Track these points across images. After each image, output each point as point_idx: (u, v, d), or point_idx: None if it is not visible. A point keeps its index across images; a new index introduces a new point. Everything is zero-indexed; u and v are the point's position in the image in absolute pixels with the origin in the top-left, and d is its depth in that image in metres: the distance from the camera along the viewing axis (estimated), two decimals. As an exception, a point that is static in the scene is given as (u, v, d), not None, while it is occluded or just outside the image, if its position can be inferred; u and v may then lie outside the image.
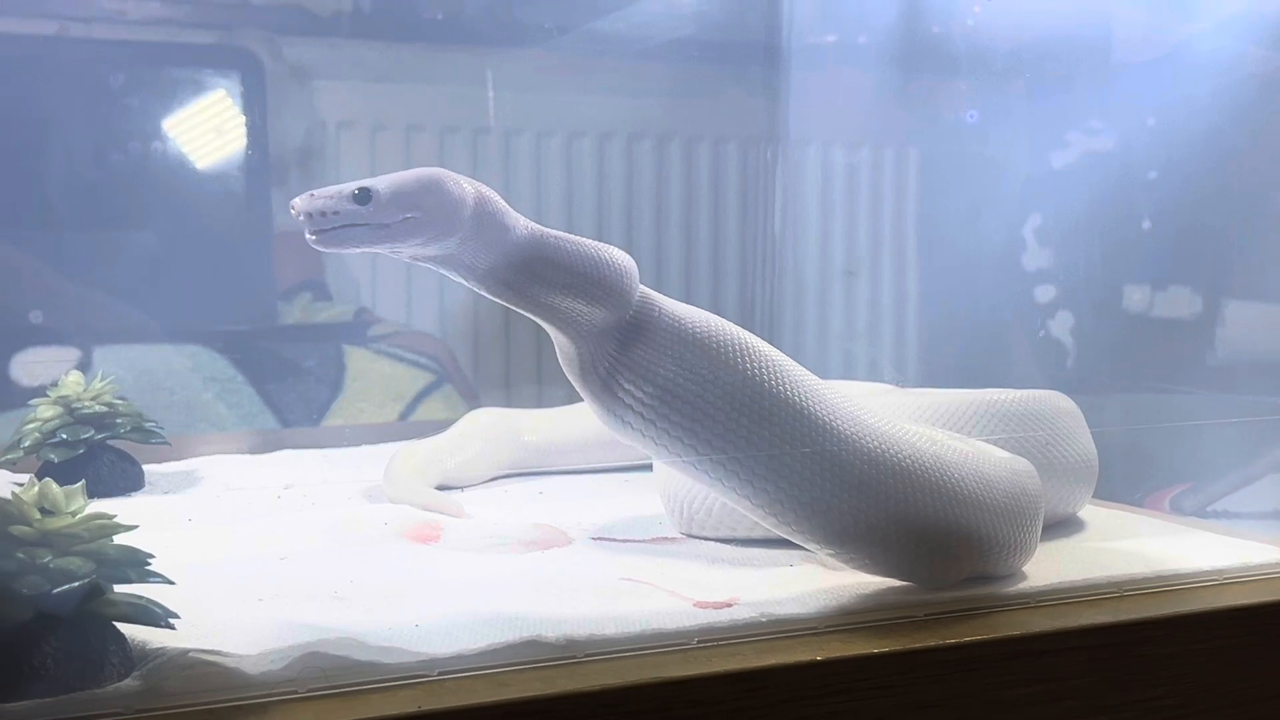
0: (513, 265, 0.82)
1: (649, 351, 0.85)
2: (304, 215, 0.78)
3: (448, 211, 0.80)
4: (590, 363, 0.85)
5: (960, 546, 0.89)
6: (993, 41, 1.64)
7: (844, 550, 0.88)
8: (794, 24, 1.82)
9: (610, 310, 0.85)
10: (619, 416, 0.86)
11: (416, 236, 0.80)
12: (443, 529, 1.09)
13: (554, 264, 0.83)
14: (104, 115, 1.66)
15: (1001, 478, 0.92)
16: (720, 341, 0.86)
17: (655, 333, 0.86)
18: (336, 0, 1.73)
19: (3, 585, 0.68)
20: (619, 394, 0.85)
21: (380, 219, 0.78)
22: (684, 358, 0.85)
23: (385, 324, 1.78)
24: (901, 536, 0.87)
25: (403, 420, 1.71)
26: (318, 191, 0.79)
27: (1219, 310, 1.50)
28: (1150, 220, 1.54)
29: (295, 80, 1.73)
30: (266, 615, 0.82)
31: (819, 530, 0.87)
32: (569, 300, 0.84)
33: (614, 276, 0.85)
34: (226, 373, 1.64)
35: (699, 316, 0.88)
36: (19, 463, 1.21)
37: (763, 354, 0.87)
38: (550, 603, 0.86)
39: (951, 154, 1.81)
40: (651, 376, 0.84)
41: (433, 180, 0.80)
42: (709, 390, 0.84)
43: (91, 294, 1.63)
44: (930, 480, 0.87)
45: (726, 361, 0.85)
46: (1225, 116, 1.40)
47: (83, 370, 1.32)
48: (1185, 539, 1.10)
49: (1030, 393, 1.13)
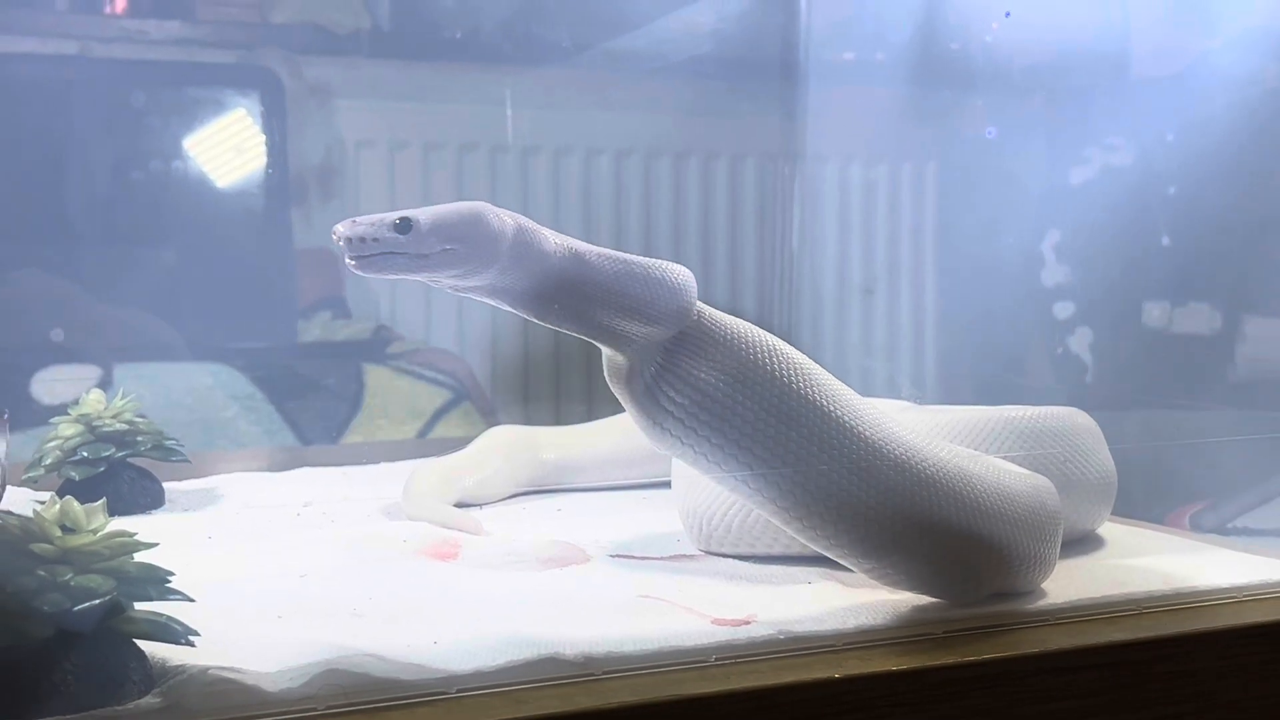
0: (555, 289, 0.83)
1: (694, 361, 0.85)
2: (345, 240, 0.79)
3: (486, 245, 0.80)
4: (637, 371, 0.86)
5: (988, 560, 0.89)
6: (1010, 57, 1.64)
7: (876, 562, 0.88)
8: (811, 41, 1.83)
9: (666, 327, 0.86)
10: (660, 424, 0.86)
11: (454, 268, 0.80)
12: (461, 546, 1.09)
13: (600, 285, 0.84)
14: (126, 134, 1.67)
15: (1023, 492, 0.92)
16: (763, 351, 0.87)
17: (701, 342, 0.86)
18: (356, 20, 1.74)
19: (24, 603, 0.69)
20: (662, 401, 0.85)
21: (419, 249, 0.79)
22: (727, 366, 0.85)
23: (404, 342, 1.78)
24: (932, 548, 0.87)
25: (421, 437, 1.71)
26: (360, 219, 0.80)
27: (1239, 326, 1.50)
28: (1169, 236, 1.54)
29: (315, 99, 1.74)
30: (286, 633, 0.82)
31: (852, 541, 0.87)
32: (622, 321, 0.84)
33: (667, 296, 0.86)
34: (246, 390, 1.64)
35: (742, 326, 0.88)
36: (40, 481, 1.21)
37: (804, 366, 0.87)
38: (568, 620, 0.87)
39: (970, 170, 1.81)
40: (695, 384, 0.85)
41: (473, 214, 0.81)
42: (751, 399, 0.85)
43: (112, 312, 1.63)
44: (960, 493, 0.88)
45: (769, 371, 0.86)
46: (1243, 131, 1.40)
47: (103, 388, 1.33)
48: (1205, 556, 1.09)
49: (1048, 409, 1.13)
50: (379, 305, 1.79)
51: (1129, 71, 1.59)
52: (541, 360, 1.82)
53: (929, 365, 1.80)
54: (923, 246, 1.88)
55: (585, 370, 1.85)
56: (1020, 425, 1.10)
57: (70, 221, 1.61)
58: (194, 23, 1.70)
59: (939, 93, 1.77)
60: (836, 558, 0.89)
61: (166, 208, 1.69)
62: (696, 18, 1.84)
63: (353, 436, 1.69)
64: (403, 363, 1.75)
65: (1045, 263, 1.65)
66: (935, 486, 0.87)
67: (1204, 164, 1.44)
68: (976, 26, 1.67)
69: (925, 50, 1.72)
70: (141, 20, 1.67)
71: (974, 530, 0.88)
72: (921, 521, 0.86)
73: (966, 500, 0.88)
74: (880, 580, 0.90)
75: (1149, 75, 1.58)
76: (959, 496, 0.88)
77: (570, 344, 1.84)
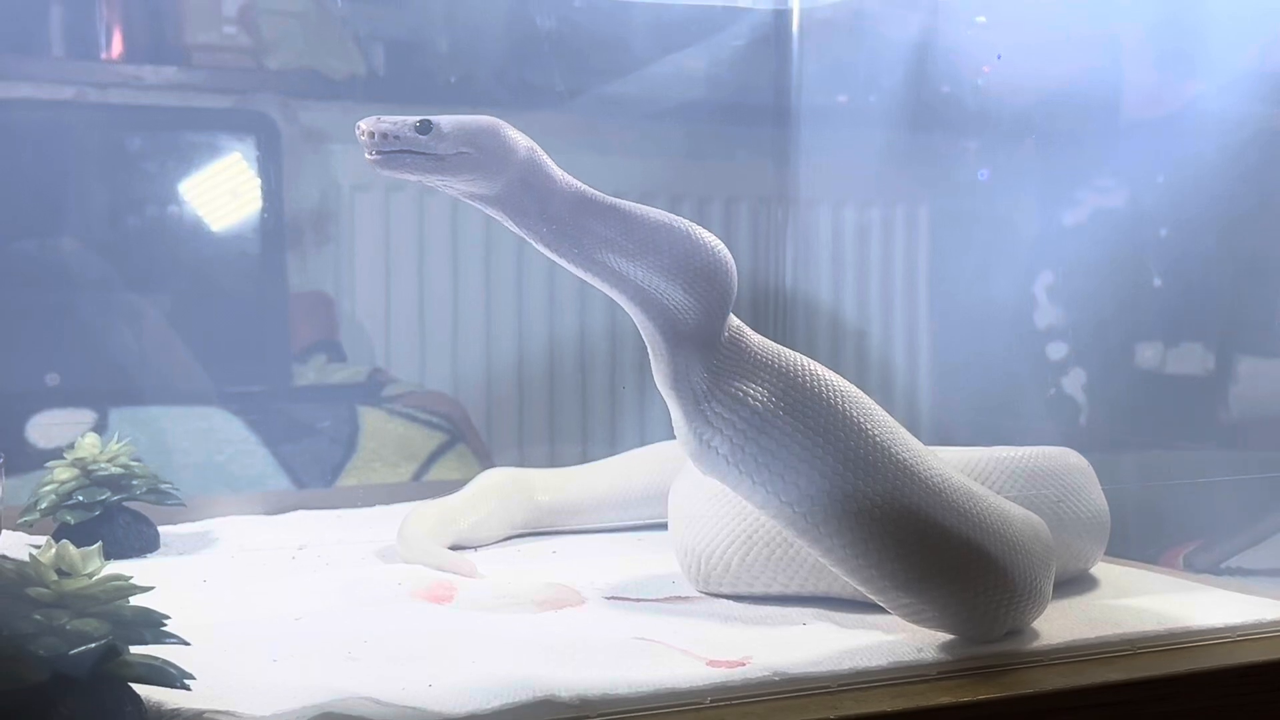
0: (562, 214, 0.86)
1: (745, 382, 0.86)
2: (368, 135, 0.83)
3: (500, 154, 0.85)
4: (685, 374, 0.87)
5: (1014, 595, 0.90)
6: (1002, 100, 1.65)
7: (914, 596, 0.88)
8: (804, 85, 1.84)
9: (704, 299, 0.87)
10: (705, 441, 0.86)
11: (468, 173, 0.84)
12: (456, 589, 1.09)
13: (611, 223, 0.86)
14: (122, 179, 1.68)
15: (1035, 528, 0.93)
16: (816, 379, 0.88)
17: (753, 364, 0.87)
18: (351, 65, 1.75)
19: (20, 646, 0.69)
20: (709, 416, 0.86)
21: (436, 150, 0.83)
22: (780, 389, 0.86)
23: (399, 384, 1.78)
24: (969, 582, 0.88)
25: (416, 480, 1.71)
26: (385, 117, 0.84)
27: (1231, 366, 1.50)
28: (1161, 277, 1.55)
29: (310, 143, 1.75)
30: (281, 676, 0.82)
31: (895, 573, 0.86)
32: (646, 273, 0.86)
33: (707, 258, 0.88)
34: (241, 434, 1.64)
35: (791, 353, 0.90)
36: (36, 524, 1.22)
37: (857, 396, 0.89)
38: (564, 662, 0.87)
39: (962, 212, 1.82)
40: (746, 402, 0.85)
41: (491, 124, 0.85)
42: (803, 423, 0.85)
43: (108, 356, 1.64)
44: (998, 529, 0.89)
45: (825, 399, 0.87)
46: (1233, 173, 1.41)
47: (99, 432, 1.33)
48: (1199, 596, 1.09)
49: (1041, 449, 1.13)
50: (374, 348, 1.79)
51: (1120, 114, 1.60)
52: (536, 402, 1.82)
53: (923, 407, 1.80)
54: (916, 288, 1.89)
55: (580, 412, 1.85)
56: (1013, 465, 1.10)
57: (66, 265, 1.62)
58: (190, 68, 1.70)
59: (931, 136, 1.78)
60: (872, 590, 0.89)
61: (162, 252, 1.69)
62: (690, 63, 1.85)
63: (348, 479, 1.69)
64: (397, 405, 1.75)
65: (1038, 304, 1.65)
66: (976, 522, 0.88)
67: (1195, 205, 1.45)
68: (967, 70, 1.68)
69: (917, 94, 1.73)
70: (138, 66, 1.68)
71: (1010, 566, 0.89)
72: (963, 556, 0.87)
73: (1005, 536, 0.89)
74: (910, 616, 0.90)
75: (1139, 118, 1.59)
76: (998, 532, 0.89)
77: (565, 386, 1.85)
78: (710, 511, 1.07)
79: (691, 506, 1.10)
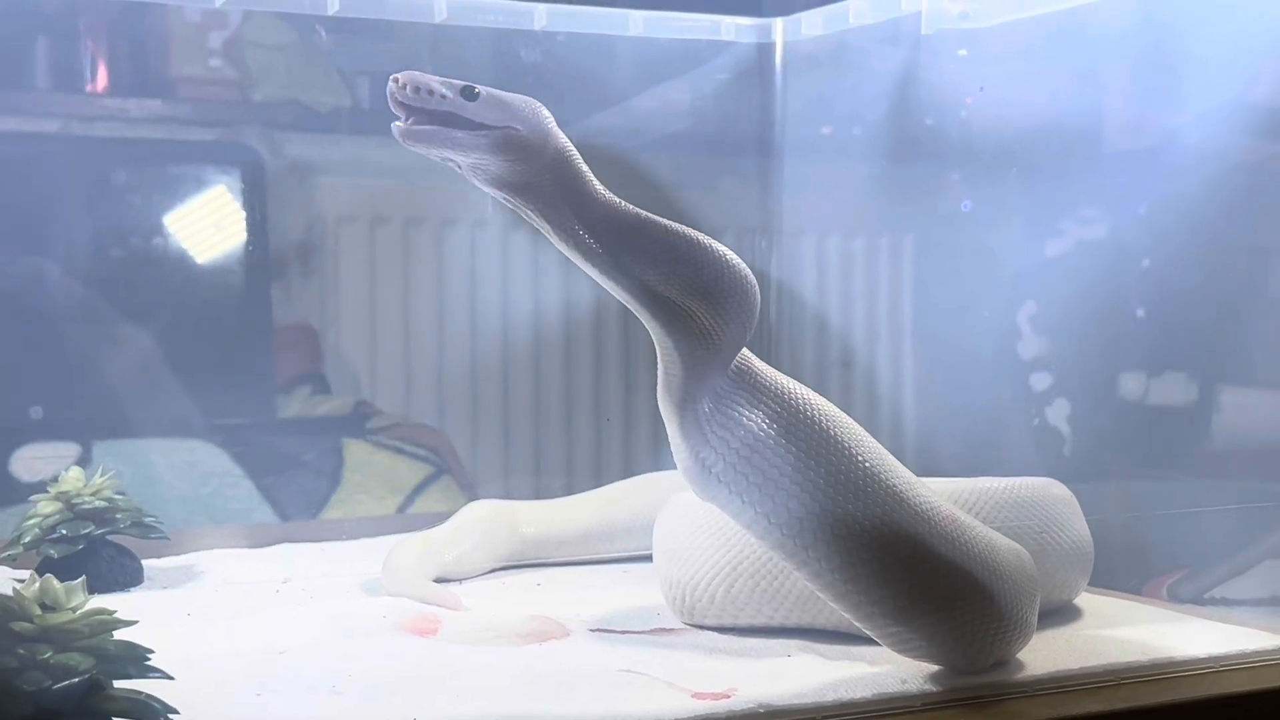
0: (594, 217, 0.84)
1: (748, 410, 0.86)
2: (407, 88, 0.78)
3: (539, 136, 0.81)
4: (694, 395, 0.86)
5: (1001, 625, 0.90)
6: (985, 132, 1.66)
7: (904, 626, 0.88)
8: (787, 117, 1.84)
9: (730, 323, 0.86)
10: (701, 460, 0.86)
11: (510, 152, 0.80)
12: (441, 622, 1.09)
13: (647, 233, 0.85)
14: (106, 211, 1.67)
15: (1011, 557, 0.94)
16: (817, 410, 0.88)
17: (755, 388, 0.87)
18: (336, 98, 1.75)
19: (4, 681, 0.68)
20: (709, 437, 0.86)
21: (481, 118, 0.79)
22: (781, 418, 0.86)
23: (384, 416, 1.78)
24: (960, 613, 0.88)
25: (401, 513, 1.71)
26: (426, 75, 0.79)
27: (1214, 396, 1.51)
28: (1144, 308, 1.55)
29: (295, 176, 1.75)
30: (266, 710, 0.82)
31: (885, 600, 0.86)
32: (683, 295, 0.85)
33: (737, 280, 0.87)
34: (225, 466, 1.64)
35: (789, 379, 0.90)
36: (19, 558, 1.21)
37: (855, 429, 0.89)
38: (548, 695, 0.87)
39: (946, 243, 1.82)
40: (746, 425, 0.85)
41: (532, 102, 0.82)
42: (803, 452, 0.85)
43: (92, 389, 1.63)
44: (989, 559, 0.89)
45: (824, 430, 0.87)
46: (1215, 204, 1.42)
47: (82, 465, 1.33)
48: (1183, 626, 1.10)
49: (1024, 480, 1.14)
50: (359, 380, 1.79)
51: (1102, 146, 1.60)
52: (522, 433, 1.82)
53: (907, 437, 1.80)
54: (900, 319, 1.89)
55: (565, 444, 1.85)
56: (997, 496, 1.10)
57: (50, 298, 1.62)
58: (175, 101, 1.71)
59: (914, 167, 1.79)
60: (859, 617, 0.89)
61: (147, 284, 1.69)
62: (674, 95, 1.85)
63: (332, 512, 1.68)
64: (382, 437, 1.75)
65: (1022, 335, 1.66)
66: (965, 550, 0.88)
67: (1177, 236, 1.45)
68: (951, 102, 1.68)
69: (900, 126, 1.74)
70: (123, 99, 1.68)
71: (998, 595, 0.89)
72: (952, 583, 0.87)
73: (993, 566, 0.89)
74: (897, 644, 0.90)
75: (1122, 149, 1.60)
76: (986, 562, 0.89)
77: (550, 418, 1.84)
78: (695, 544, 1.07)
79: (676, 539, 1.10)
